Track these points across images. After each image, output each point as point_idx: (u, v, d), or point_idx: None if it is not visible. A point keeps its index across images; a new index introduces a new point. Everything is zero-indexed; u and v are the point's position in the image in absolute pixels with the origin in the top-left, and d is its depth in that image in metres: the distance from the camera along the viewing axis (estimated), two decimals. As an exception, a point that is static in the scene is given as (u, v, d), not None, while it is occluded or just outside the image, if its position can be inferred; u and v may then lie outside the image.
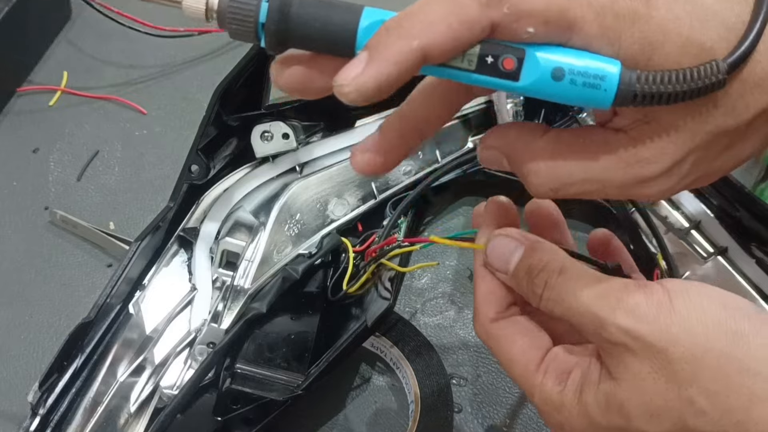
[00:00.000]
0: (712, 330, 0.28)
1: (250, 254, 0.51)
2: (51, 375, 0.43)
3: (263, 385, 0.46)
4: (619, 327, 0.28)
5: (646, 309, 0.29)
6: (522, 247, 0.33)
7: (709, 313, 0.28)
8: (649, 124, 0.28)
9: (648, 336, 0.28)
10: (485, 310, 0.33)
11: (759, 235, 0.54)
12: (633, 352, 0.28)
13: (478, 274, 0.35)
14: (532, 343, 0.33)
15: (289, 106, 0.54)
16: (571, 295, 0.30)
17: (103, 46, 0.77)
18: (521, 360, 0.32)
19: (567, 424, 0.31)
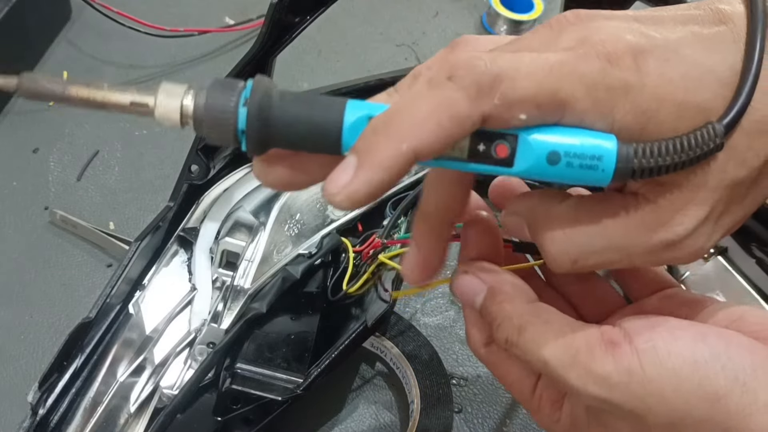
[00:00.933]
0: (687, 397, 0.27)
1: (250, 254, 0.51)
2: (51, 375, 0.43)
3: (263, 385, 0.45)
4: (593, 397, 0.28)
5: (618, 378, 0.27)
6: (484, 288, 0.32)
7: (682, 379, 0.27)
8: (664, 186, 0.27)
9: (624, 405, 0.27)
10: (476, 337, 0.33)
11: (759, 235, 0.54)
12: (611, 413, 0.28)
13: None
14: (523, 368, 0.32)
15: (289, 106, 0.54)
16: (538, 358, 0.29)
17: (103, 46, 0.77)
18: (516, 386, 0.32)
19: None
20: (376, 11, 0.86)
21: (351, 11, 0.86)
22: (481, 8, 0.87)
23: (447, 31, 0.85)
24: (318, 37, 0.81)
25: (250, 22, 0.81)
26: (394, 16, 0.86)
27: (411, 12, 0.87)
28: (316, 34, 0.81)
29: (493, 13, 0.84)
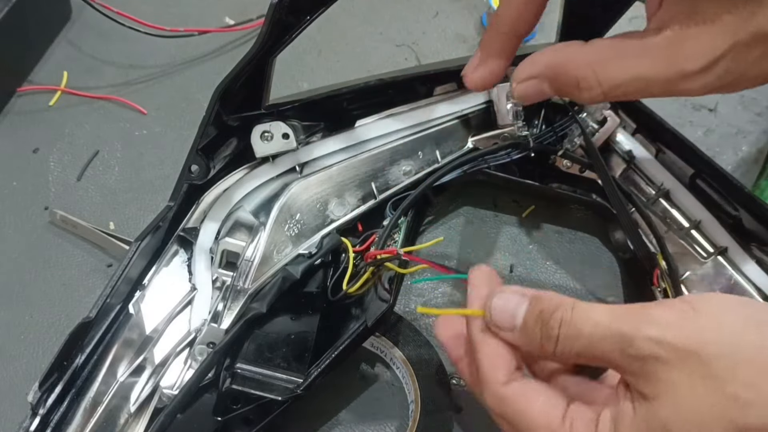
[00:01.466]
0: (739, 325, 0.28)
1: (250, 254, 0.51)
2: (51, 375, 0.43)
3: (263, 385, 0.45)
4: (647, 338, 0.28)
5: (671, 318, 0.28)
6: (527, 298, 0.32)
7: (732, 311, 0.28)
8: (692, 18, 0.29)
9: (678, 341, 0.28)
10: (495, 376, 0.32)
11: (759, 235, 0.54)
12: (665, 361, 0.28)
13: (478, 341, 0.34)
14: (550, 400, 0.31)
15: (289, 106, 0.54)
16: (590, 323, 0.30)
17: (103, 46, 0.77)
18: (542, 419, 0.31)
19: None
20: (376, 11, 0.86)
21: (351, 11, 0.85)
22: (481, 8, 0.87)
23: (447, 31, 0.85)
24: (318, 37, 0.81)
25: (250, 22, 0.81)
26: (394, 16, 0.86)
27: (411, 12, 0.87)
28: (316, 34, 0.81)
29: (493, 13, 0.84)
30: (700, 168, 0.58)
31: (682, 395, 0.27)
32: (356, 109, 0.58)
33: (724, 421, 0.27)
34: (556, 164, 0.63)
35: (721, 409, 0.27)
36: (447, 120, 0.62)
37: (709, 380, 0.27)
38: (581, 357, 0.31)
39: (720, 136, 0.77)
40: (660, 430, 0.28)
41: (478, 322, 0.34)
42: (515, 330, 0.32)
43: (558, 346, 0.31)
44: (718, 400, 0.27)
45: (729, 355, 0.27)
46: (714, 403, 0.27)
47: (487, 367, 0.33)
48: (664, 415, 0.28)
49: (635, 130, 0.62)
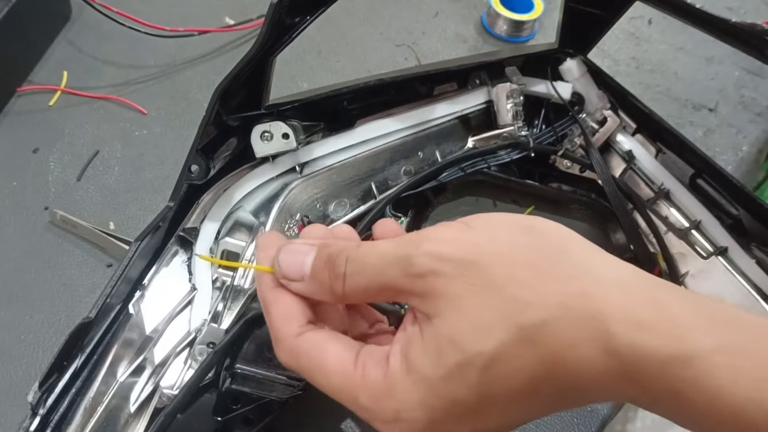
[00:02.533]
0: (511, 233, 0.29)
1: (250, 254, 0.51)
2: (51, 375, 0.43)
3: (263, 385, 0.45)
4: (426, 254, 0.29)
5: (447, 234, 0.29)
6: (314, 247, 0.33)
7: (503, 222, 0.30)
8: None
9: (455, 253, 0.28)
10: (287, 330, 0.32)
11: (759, 235, 0.54)
12: (444, 275, 0.28)
13: (269, 299, 0.33)
14: (342, 346, 0.31)
15: (289, 106, 0.54)
16: (375, 254, 0.30)
17: (103, 46, 0.77)
18: (337, 365, 0.31)
19: (404, 407, 0.29)
20: (376, 11, 0.86)
21: (351, 11, 0.86)
22: (481, 8, 0.87)
23: (447, 31, 0.85)
24: (318, 37, 0.81)
25: (250, 22, 0.81)
26: (394, 16, 0.86)
27: (411, 12, 0.87)
28: (316, 34, 0.81)
29: (493, 13, 0.84)
30: (700, 168, 0.58)
31: (464, 305, 0.28)
32: (356, 109, 0.58)
33: (506, 322, 0.27)
34: (556, 164, 0.63)
35: (501, 311, 0.27)
36: (447, 120, 0.62)
37: (488, 286, 0.28)
38: (370, 290, 0.31)
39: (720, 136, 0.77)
40: (447, 344, 0.28)
41: (266, 279, 0.34)
42: (305, 278, 0.32)
43: (346, 282, 0.31)
44: (499, 304, 0.27)
45: (504, 261, 0.28)
46: (495, 308, 0.27)
47: (279, 323, 0.32)
48: (449, 328, 0.28)
49: (635, 130, 0.62)
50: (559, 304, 0.27)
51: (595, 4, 0.59)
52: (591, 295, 0.27)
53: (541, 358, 0.27)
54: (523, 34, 0.84)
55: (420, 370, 0.28)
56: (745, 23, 0.46)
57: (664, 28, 0.89)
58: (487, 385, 0.27)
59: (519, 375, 0.27)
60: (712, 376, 0.24)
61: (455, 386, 0.28)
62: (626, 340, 0.26)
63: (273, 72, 0.50)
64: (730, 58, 0.85)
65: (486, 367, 0.27)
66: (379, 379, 0.29)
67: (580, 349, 0.26)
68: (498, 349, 0.27)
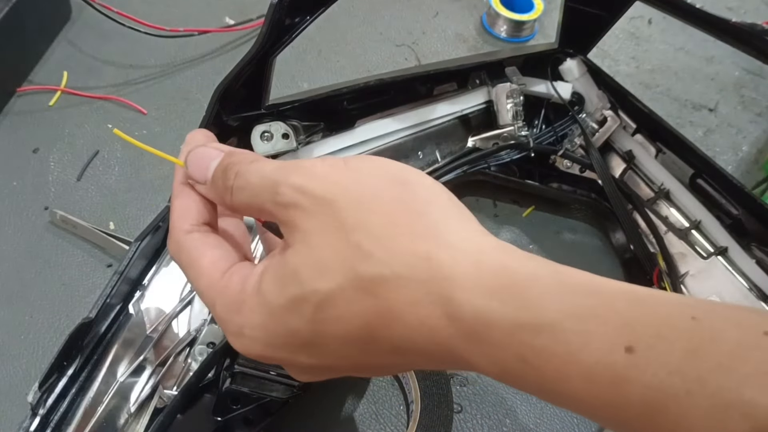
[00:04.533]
0: (381, 180, 0.29)
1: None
2: (51, 375, 0.43)
3: (263, 385, 0.45)
4: (291, 185, 0.29)
5: (319, 169, 0.29)
6: (222, 154, 0.33)
7: (380, 167, 0.29)
8: None
9: (317, 189, 0.28)
10: (180, 224, 0.33)
11: (759, 235, 0.54)
12: (303, 209, 0.28)
13: (176, 192, 0.35)
14: (222, 255, 0.32)
15: (289, 106, 0.54)
16: (258, 175, 0.30)
17: (103, 46, 0.77)
18: (208, 269, 0.32)
19: (247, 324, 0.30)
20: (376, 11, 0.86)
21: (351, 11, 0.86)
22: (481, 8, 0.87)
23: (447, 31, 0.85)
24: (318, 37, 0.81)
25: (250, 22, 0.81)
26: (394, 16, 0.86)
27: (411, 12, 0.87)
28: (316, 34, 0.81)
29: (493, 13, 0.84)
30: (700, 168, 0.58)
31: (313, 243, 0.28)
32: (356, 109, 0.58)
33: (345, 267, 0.27)
34: (556, 164, 0.63)
35: (344, 256, 0.27)
36: (447, 120, 0.62)
37: (338, 229, 0.28)
38: (251, 208, 0.32)
39: (720, 136, 0.77)
40: (291, 276, 0.28)
41: (180, 174, 0.35)
42: (207, 183, 0.33)
43: (233, 195, 0.31)
44: (343, 248, 0.27)
45: (361, 207, 0.28)
46: (339, 251, 0.27)
47: (176, 216, 0.34)
48: (295, 261, 0.28)
49: (635, 130, 0.62)
50: (402, 262, 0.27)
51: (595, 4, 0.59)
52: (437, 259, 0.26)
53: (377, 310, 0.27)
54: (523, 34, 0.84)
55: (266, 295, 0.29)
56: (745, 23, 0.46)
57: (664, 28, 0.88)
58: (321, 323, 0.28)
59: (352, 320, 0.27)
60: (561, 341, 0.24)
61: (292, 317, 0.28)
62: (471, 307, 0.25)
63: (273, 72, 0.50)
64: (730, 58, 0.85)
65: (320, 304, 0.27)
66: (235, 293, 0.30)
67: (420, 310, 0.26)
68: (333, 290, 0.27)
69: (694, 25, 0.51)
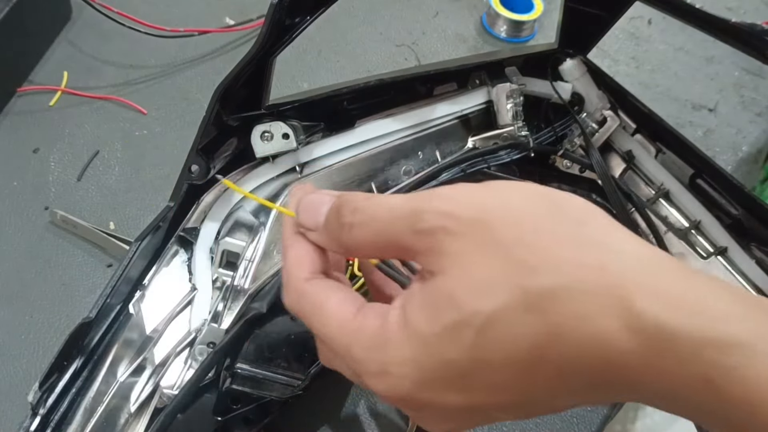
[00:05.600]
0: (529, 197, 0.27)
1: (250, 254, 0.51)
2: (51, 375, 0.43)
3: (263, 385, 0.45)
4: (435, 210, 0.27)
5: (460, 193, 0.28)
6: (333, 198, 0.32)
7: (521, 186, 0.28)
8: None
9: (465, 212, 0.27)
10: (297, 273, 0.32)
11: (759, 235, 0.54)
12: (452, 232, 0.27)
13: (287, 243, 0.33)
14: (348, 296, 0.30)
15: (289, 106, 0.54)
16: (385, 208, 0.29)
17: (103, 46, 0.77)
18: (337, 311, 0.30)
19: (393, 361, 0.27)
20: (376, 11, 0.86)
21: (351, 11, 0.86)
22: (481, 8, 0.87)
23: (447, 31, 0.85)
24: (318, 37, 0.81)
25: (250, 22, 0.81)
26: (394, 16, 0.86)
27: (411, 12, 0.87)
28: (316, 34, 0.81)
29: (493, 13, 0.84)
30: (700, 168, 0.58)
31: (468, 264, 0.26)
32: (356, 109, 0.58)
33: (511, 284, 0.25)
34: (556, 164, 0.63)
35: (507, 273, 0.25)
36: (447, 120, 0.62)
37: (495, 247, 0.26)
38: (376, 244, 0.30)
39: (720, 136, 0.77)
40: (445, 301, 0.26)
41: (290, 224, 0.34)
42: (319, 228, 0.32)
43: (352, 232, 0.30)
44: (505, 265, 0.25)
45: (515, 223, 0.26)
46: (500, 269, 0.25)
47: (291, 267, 0.32)
48: (449, 285, 0.26)
49: (635, 130, 0.62)
50: (572, 273, 0.24)
51: (595, 4, 0.59)
52: (610, 268, 0.24)
53: (547, 328, 0.24)
54: (523, 34, 0.84)
55: (415, 326, 0.27)
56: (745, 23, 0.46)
57: (664, 28, 0.89)
58: (482, 349, 0.25)
59: (519, 342, 0.25)
60: (752, 365, 0.22)
61: (448, 345, 0.26)
62: (654, 318, 0.23)
63: (273, 72, 0.50)
64: (730, 58, 0.85)
65: (483, 328, 0.25)
66: (375, 330, 0.28)
67: (597, 324, 0.24)
68: (498, 310, 0.25)
69: (694, 25, 0.51)
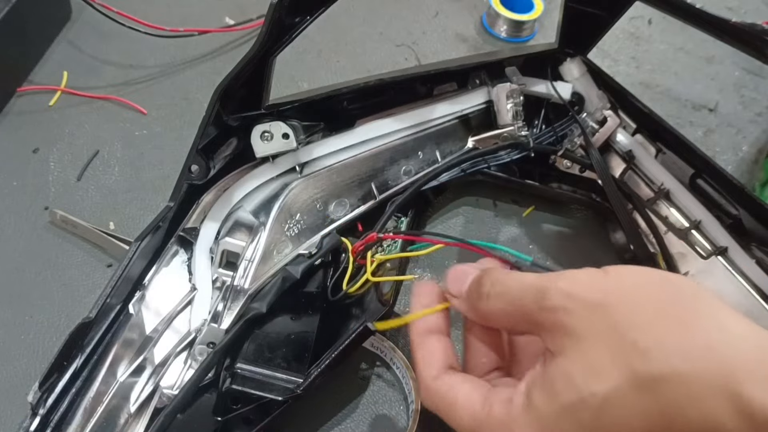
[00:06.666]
0: (642, 278, 0.30)
1: (250, 254, 0.51)
2: (51, 375, 0.43)
3: (263, 385, 0.45)
4: (559, 290, 0.30)
5: (583, 276, 0.31)
6: (476, 271, 0.36)
7: (638, 270, 0.31)
8: None
9: (585, 294, 0.29)
10: (427, 372, 0.35)
11: (759, 235, 0.54)
12: (572, 313, 0.29)
13: (414, 343, 0.37)
14: (473, 386, 0.34)
15: (289, 106, 0.54)
16: (518, 282, 0.33)
17: (103, 46, 0.77)
18: (466, 404, 0.33)
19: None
20: (376, 11, 0.86)
21: (351, 11, 0.86)
22: (481, 8, 0.87)
23: (447, 31, 0.85)
24: (318, 37, 0.81)
25: (250, 22, 0.81)
26: (394, 16, 0.86)
27: (411, 12, 0.87)
28: (316, 34, 0.81)
29: (493, 13, 0.84)
30: (700, 168, 0.58)
31: (584, 345, 0.28)
32: (356, 109, 0.58)
33: (622, 366, 0.27)
34: (556, 164, 0.63)
35: (619, 355, 0.27)
36: (447, 120, 0.62)
37: (610, 329, 0.28)
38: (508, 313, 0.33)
39: (720, 136, 0.77)
40: (564, 382, 0.29)
41: (417, 324, 0.37)
42: (462, 296, 0.36)
43: (489, 301, 0.34)
44: (618, 347, 0.27)
45: (629, 305, 0.28)
46: (613, 350, 0.28)
47: (421, 365, 0.36)
48: (567, 366, 0.29)
49: (635, 130, 0.62)
50: (682, 356, 0.26)
51: (595, 4, 0.60)
52: (719, 350, 0.26)
53: (660, 410, 0.26)
54: (523, 34, 0.84)
55: (537, 406, 0.29)
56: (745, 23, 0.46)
57: (664, 28, 0.89)
58: (599, 428, 0.28)
59: (633, 422, 0.27)
60: None
61: (567, 425, 0.28)
62: (760, 404, 0.24)
63: (273, 72, 0.50)
64: (730, 58, 0.85)
65: (600, 408, 0.27)
66: (501, 417, 0.31)
67: (707, 406, 0.25)
68: (611, 392, 0.27)
69: (694, 25, 0.51)
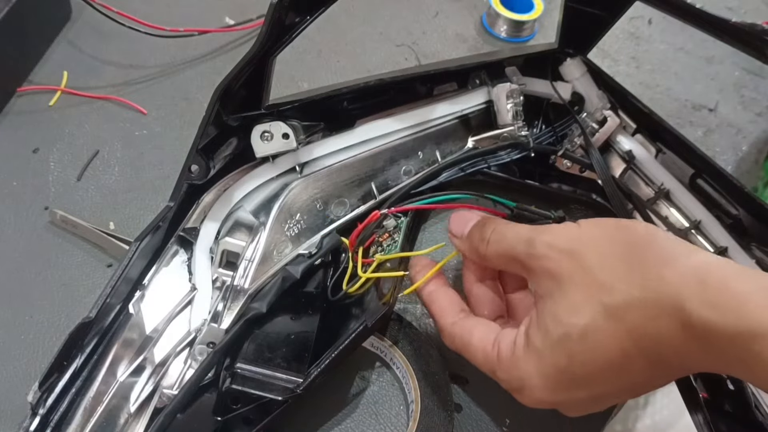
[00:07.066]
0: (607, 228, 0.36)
1: (250, 254, 0.51)
2: (51, 375, 0.43)
3: (263, 385, 0.45)
4: (542, 241, 0.37)
5: (560, 229, 0.38)
6: (478, 216, 0.44)
7: (603, 221, 0.37)
8: None
9: (562, 244, 0.36)
10: (444, 320, 0.43)
11: (759, 235, 0.54)
12: (552, 260, 0.36)
13: (427, 301, 0.45)
14: (484, 330, 0.41)
15: (289, 106, 0.54)
16: (512, 231, 0.40)
17: (103, 46, 0.77)
18: (479, 346, 0.40)
19: (525, 376, 0.37)
20: (376, 11, 0.86)
21: (351, 11, 0.86)
22: (481, 8, 0.87)
23: (447, 31, 0.85)
24: (318, 37, 0.81)
25: (250, 22, 0.81)
26: (394, 16, 0.86)
27: (411, 12, 0.87)
28: (316, 34, 0.81)
29: (493, 13, 0.84)
30: (700, 168, 0.58)
31: (564, 287, 0.35)
32: (356, 109, 0.58)
33: (594, 302, 0.34)
34: (556, 164, 0.63)
35: (591, 293, 0.34)
36: (447, 120, 0.62)
37: (584, 272, 0.35)
38: (503, 258, 0.40)
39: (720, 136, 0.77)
40: (552, 320, 0.35)
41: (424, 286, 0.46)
42: (463, 237, 0.43)
43: (488, 246, 0.41)
44: (590, 287, 0.34)
45: (598, 252, 0.35)
46: (586, 290, 0.34)
47: (438, 315, 0.44)
48: (553, 307, 0.35)
49: (635, 130, 0.62)
50: (639, 288, 0.33)
51: (595, 4, 0.59)
52: (668, 280, 0.32)
53: (627, 332, 0.33)
54: (523, 34, 0.84)
55: (534, 344, 0.36)
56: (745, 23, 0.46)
57: (664, 28, 0.89)
58: (584, 353, 0.34)
59: (610, 344, 0.33)
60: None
61: (559, 355, 0.35)
62: (699, 318, 0.31)
63: (273, 72, 0.50)
64: (730, 58, 0.85)
65: (581, 337, 0.34)
66: (509, 356, 0.38)
67: (661, 324, 0.32)
68: (589, 323, 0.34)
69: (694, 25, 0.51)
